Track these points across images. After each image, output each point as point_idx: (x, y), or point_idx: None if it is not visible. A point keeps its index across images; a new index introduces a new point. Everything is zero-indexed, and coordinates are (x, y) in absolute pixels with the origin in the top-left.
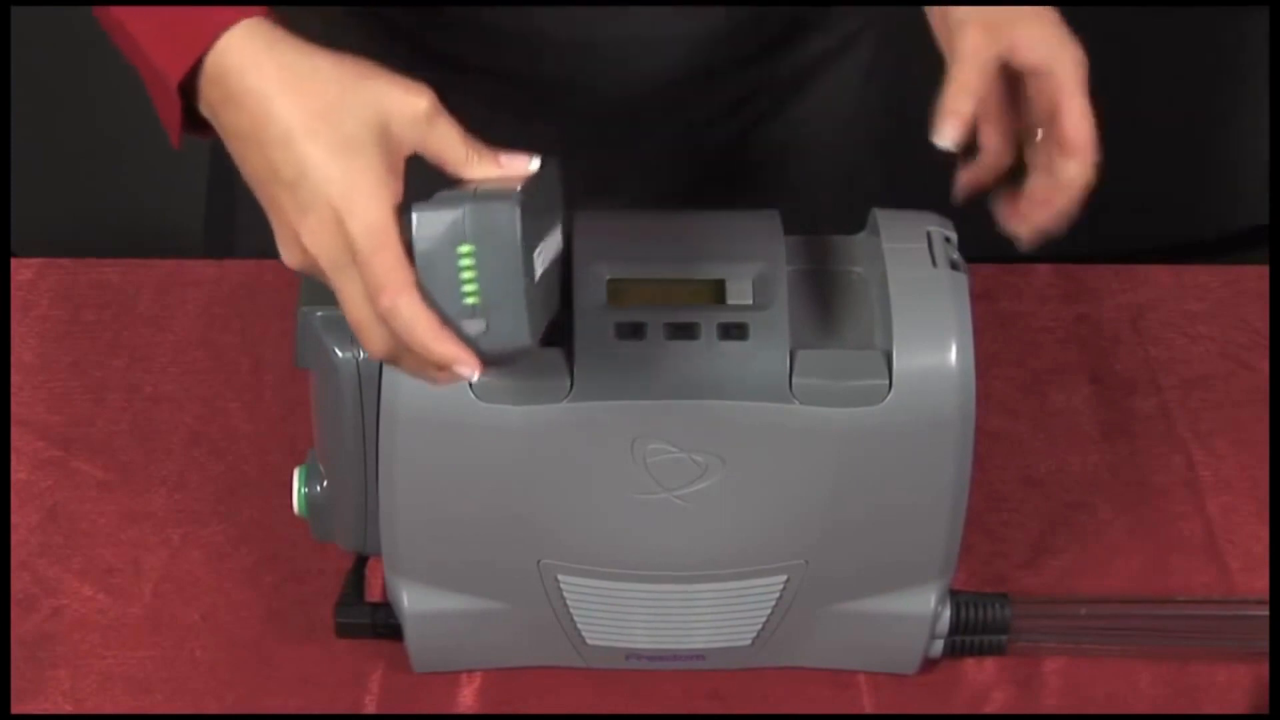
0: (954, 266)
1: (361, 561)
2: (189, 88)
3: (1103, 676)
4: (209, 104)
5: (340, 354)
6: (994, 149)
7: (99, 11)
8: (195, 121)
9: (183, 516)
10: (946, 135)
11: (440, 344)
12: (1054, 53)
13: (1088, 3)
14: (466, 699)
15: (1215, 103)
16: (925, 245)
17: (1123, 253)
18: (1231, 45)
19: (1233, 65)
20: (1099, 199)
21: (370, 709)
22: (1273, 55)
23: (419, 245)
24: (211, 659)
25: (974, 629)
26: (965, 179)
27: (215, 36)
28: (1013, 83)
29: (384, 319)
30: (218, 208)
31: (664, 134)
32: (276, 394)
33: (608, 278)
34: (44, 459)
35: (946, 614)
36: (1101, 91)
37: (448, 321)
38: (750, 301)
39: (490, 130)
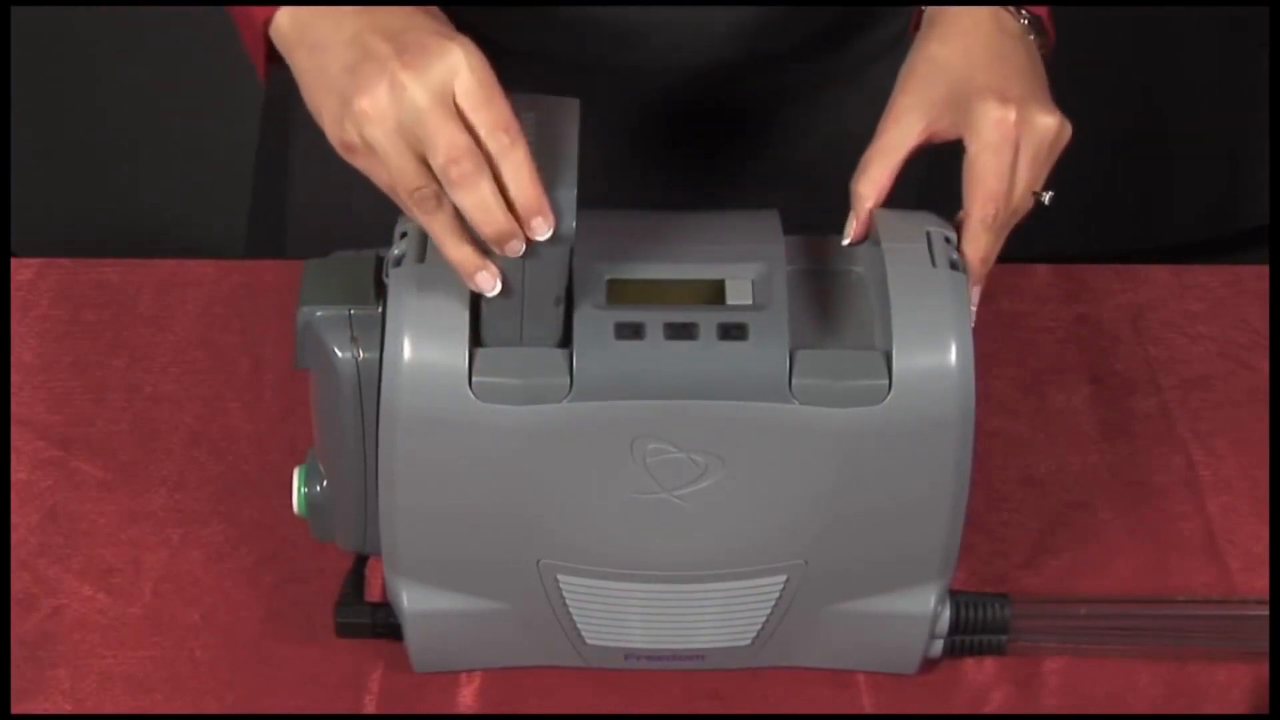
0: (953, 266)
1: (361, 561)
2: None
3: (1103, 676)
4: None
5: (340, 354)
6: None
7: None
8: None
9: (183, 516)
10: (846, 234)
11: (537, 187)
12: (974, 164)
13: (1092, 3)
14: (466, 699)
15: (1216, 103)
16: (925, 245)
17: (1123, 253)
18: (1231, 45)
19: (1233, 66)
20: (1099, 199)
21: (370, 709)
22: (1273, 55)
23: None
24: (211, 659)
25: (974, 629)
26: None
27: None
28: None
29: (500, 148)
30: (265, 208)
31: (700, 125)
32: (276, 394)
33: (607, 278)
34: (44, 459)
35: (946, 614)
36: (1102, 94)
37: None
38: (750, 302)
39: None
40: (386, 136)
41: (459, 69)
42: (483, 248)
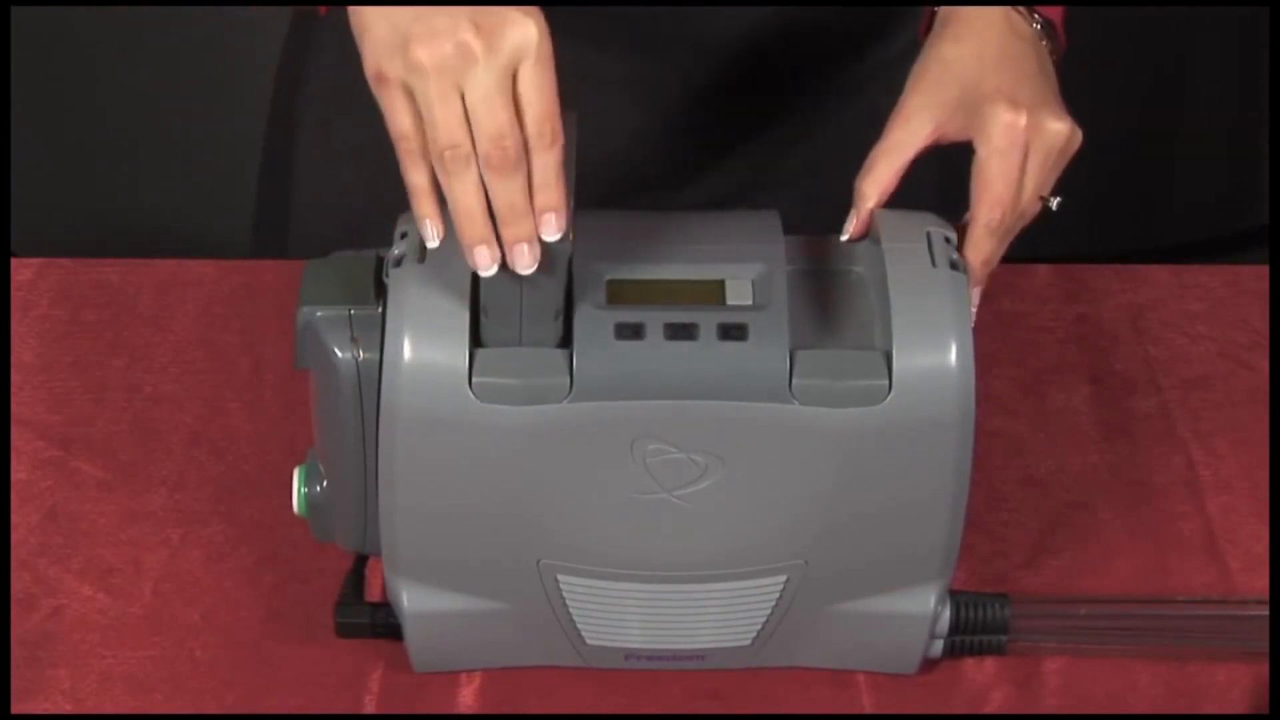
0: (954, 266)
1: (361, 561)
2: None
3: (1103, 676)
4: None
5: (340, 354)
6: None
7: None
8: None
9: (183, 516)
10: (846, 230)
11: (563, 187)
12: (982, 168)
13: (1093, 3)
14: (466, 699)
15: (1215, 103)
16: (925, 245)
17: (1123, 253)
18: (1231, 46)
19: (1232, 66)
20: (1099, 199)
21: (370, 709)
22: (1273, 55)
23: None
24: (211, 659)
25: (974, 629)
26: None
27: None
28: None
29: (542, 141)
30: (270, 209)
31: (713, 126)
32: (276, 394)
33: (607, 278)
34: (44, 459)
35: (946, 614)
36: (1103, 94)
37: None
38: (750, 302)
39: None
40: (439, 92)
41: (528, 51)
42: None
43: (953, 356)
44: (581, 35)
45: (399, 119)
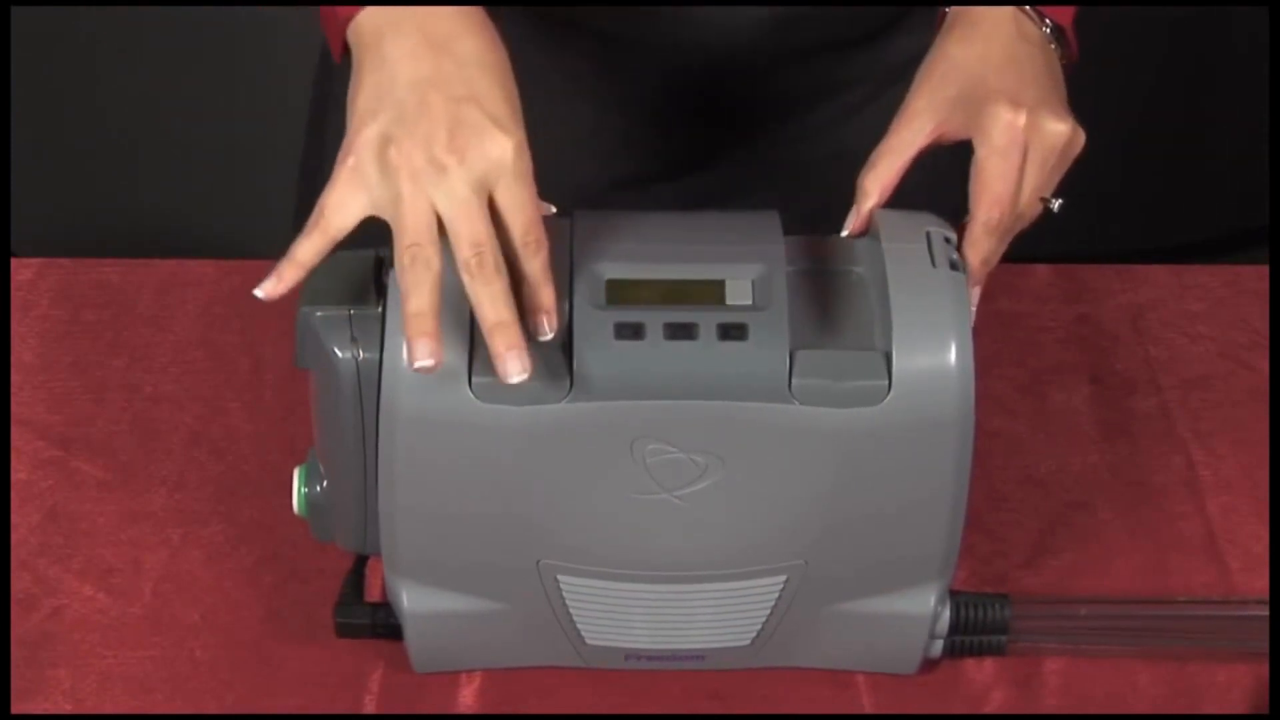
0: (953, 267)
1: (361, 561)
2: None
3: (1102, 676)
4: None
5: (340, 354)
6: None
7: None
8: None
9: (183, 516)
10: (846, 226)
11: (551, 291)
12: (981, 167)
13: (1091, 2)
14: (466, 699)
15: (1215, 103)
16: (925, 246)
17: (1123, 253)
18: (1232, 45)
19: (1233, 65)
20: (1099, 199)
21: (370, 709)
22: (1273, 55)
23: None
24: (211, 659)
25: (974, 629)
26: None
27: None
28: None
29: (528, 250)
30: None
31: (722, 116)
32: (276, 394)
33: (607, 278)
34: (44, 459)
35: (946, 614)
36: (1104, 93)
37: None
38: (750, 302)
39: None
40: (410, 195)
41: (504, 168)
42: None
43: (952, 357)
44: (556, 33)
45: (337, 193)
